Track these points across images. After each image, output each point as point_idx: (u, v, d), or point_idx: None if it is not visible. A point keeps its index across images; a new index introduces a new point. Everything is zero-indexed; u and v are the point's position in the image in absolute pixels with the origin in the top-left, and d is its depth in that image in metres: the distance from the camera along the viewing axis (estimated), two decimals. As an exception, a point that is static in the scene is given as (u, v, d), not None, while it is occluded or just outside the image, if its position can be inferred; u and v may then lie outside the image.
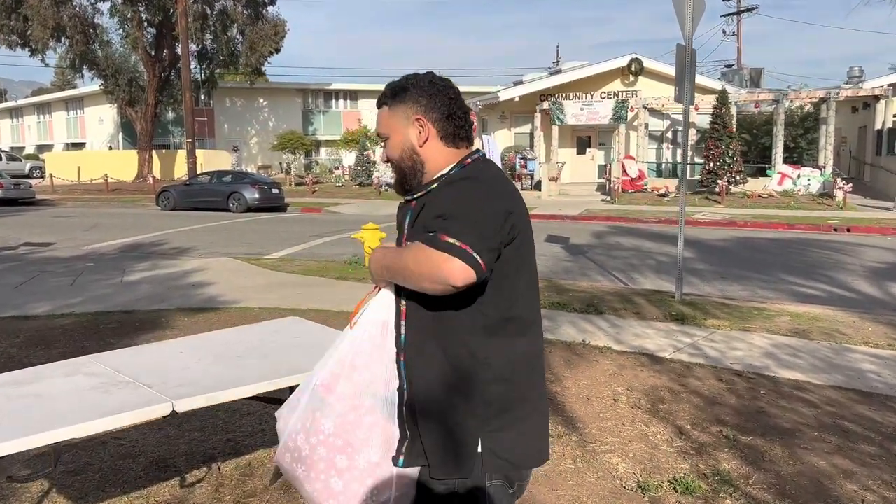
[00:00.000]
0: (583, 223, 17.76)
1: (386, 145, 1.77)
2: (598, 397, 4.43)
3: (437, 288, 1.54)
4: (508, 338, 1.66)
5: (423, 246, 1.56)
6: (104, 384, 2.28)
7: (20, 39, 30.70)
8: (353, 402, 1.60)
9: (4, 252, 12.04)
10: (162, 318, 6.59)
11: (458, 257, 1.50)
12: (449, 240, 1.52)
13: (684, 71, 7.56)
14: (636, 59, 26.19)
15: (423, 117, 1.71)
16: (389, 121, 1.75)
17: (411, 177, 1.74)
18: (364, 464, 1.56)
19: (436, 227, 1.56)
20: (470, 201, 1.59)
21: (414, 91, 1.72)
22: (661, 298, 7.70)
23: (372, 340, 1.65)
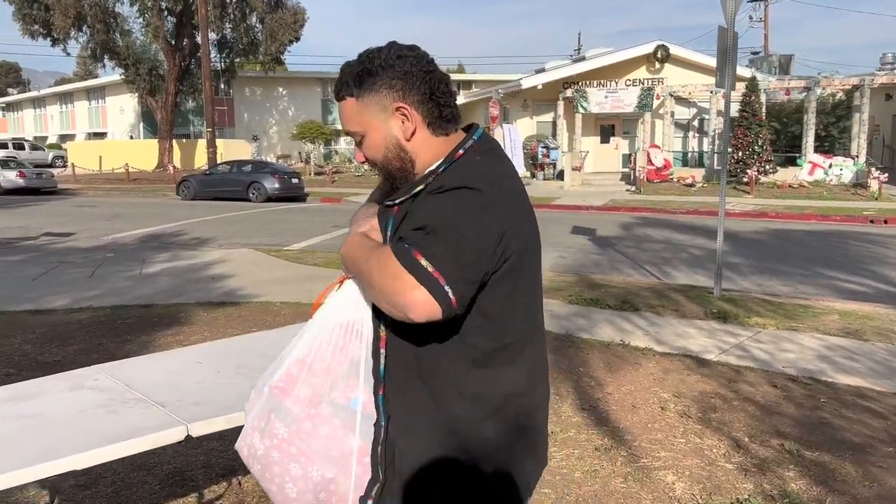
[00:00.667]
0: (608, 214, 17.36)
1: (362, 145, 1.44)
2: (643, 405, 4.12)
3: (392, 312, 1.29)
4: (501, 367, 1.40)
5: (391, 256, 1.27)
6: (112, 401, 2.02)
7: (42, 29, 30.76)
8: (309, 409, 1.43)
9: (25, 242, 11.93)
10: (181, 313, 6.37)
11: (426, 287, 1.22)
12: (422, 262, 1.24)
13: (726, 55, 7.18)
14: (662, 45, 25.60)
15: (403, 104, 1.37)
16: (362, 116, 1.40)
17: (402, 179, 1.42)
18: (318, 477, 1.41)
19: (412, 240, 1.28)
20: (458, 216, 1.28)
21: (384, 74, 1.37)
22: (698, 294, 7.36)
23: (333, 342, 1.44)
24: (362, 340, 1.43)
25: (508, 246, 1.32)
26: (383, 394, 1.41)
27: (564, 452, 3.44)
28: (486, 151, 1.40)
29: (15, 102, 57.21)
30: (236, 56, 33.91)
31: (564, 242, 11.80)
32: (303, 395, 1.44)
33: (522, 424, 1.43)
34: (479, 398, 1.37)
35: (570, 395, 4.21)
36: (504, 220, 1.31)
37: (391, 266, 1.26)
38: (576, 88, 25.33)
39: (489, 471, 1.38)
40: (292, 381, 1.45)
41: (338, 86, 1.43)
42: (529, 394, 1.45)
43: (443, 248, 1.24)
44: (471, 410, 1.36)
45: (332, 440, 1.41)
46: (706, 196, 20.69)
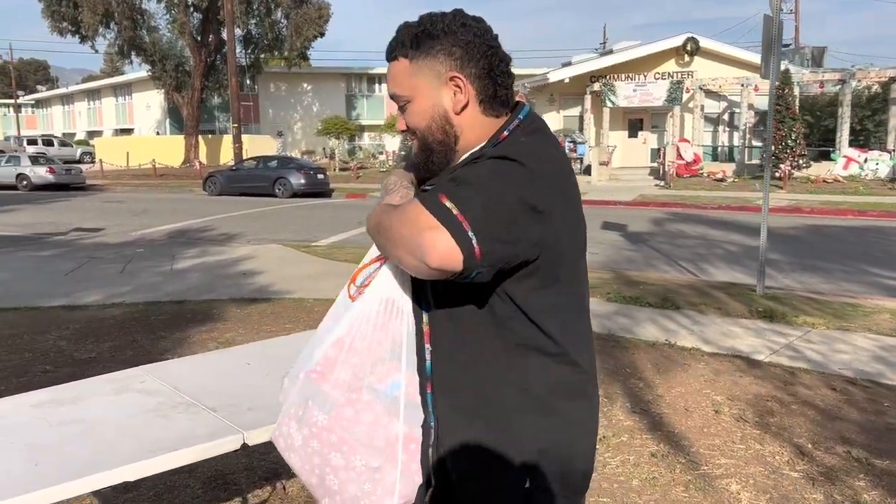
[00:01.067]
0: (638, 209, 17.09)
1: (406, 110, 1.33)
2: (696, 408, 3.94)
3: (411, 264, 1.16)
4: (547, 357, 1.28)
5: (413, 202, 1.17)
6: (161, 406, 1.91)
7: (71, 26, 31.07)
8: (350, 394, 1.33)
9: (56, 237, 11.99)
10: (213, 310, 6.30)
11: (448, 227, 1.10)
12: (446, 203, 1.12)
13: (771, 44, 6.93)
14: (692, 38, 25.17)
15: (459, 75, 1.26)
16: (412, 79, 1.29)
17: (440, 154, 1.31)
18: (362, 466, 1.31)
19: (437, 186, 1.19)
20: (495, 176, 1.17)
21: (445, 39, 1.26)
22: (740, 292, 7.14)
23: (373, 321, 1.34)
24: (403, 319, 1.34)
25: (549, 229, 1.20)
26: (431, 392, 1.32)
27: (619, 459, 3.28)
28: (533, 132, 1.29)
29: (44, 99, 58.04)
30: (261, 52, 34.00)
31: (596, 238, 11.58)
32: (342, 378, 1.34)
33: (571, 417, 1.32)
34: (527, 391, 1.27)
35: (620, 398, 4.05)
36: (545, 199, 1.18)
37: (412, 210, 1.15)
38: (603, 82, 25.00)
39: (545, 470, 1.29)
40: (331, 364, 1.35)
41: (392, 45, 1.32)
42: (582, 388, 1.34)
43: (472, 193, 1.13)
44: (519, 403, 1.27)
45: (375, 427, 1.32)
46: (737, 191, 20.31)
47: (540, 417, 1.28)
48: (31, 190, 23.62)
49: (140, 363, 4.70)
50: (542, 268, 1.23)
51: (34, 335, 5.43)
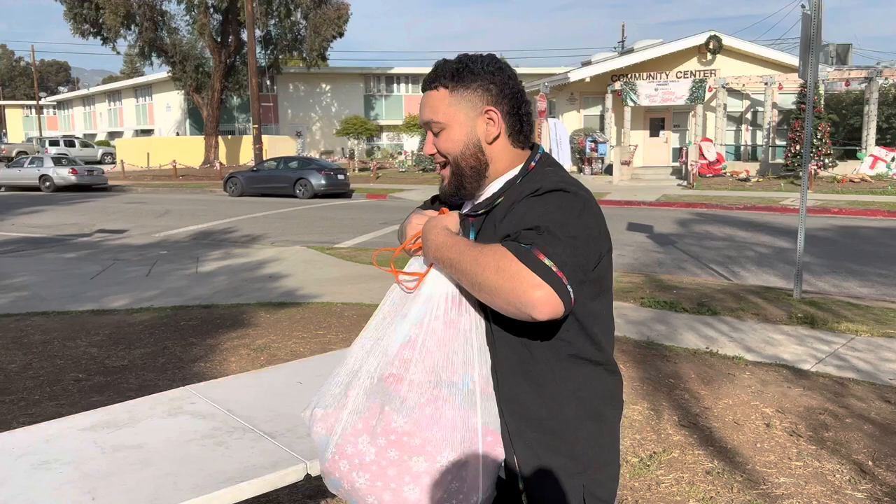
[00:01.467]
0: (662, 210, 16.88)
1: (440, 136, 1.45)
2: (746, 421, 3.81)
3: (510, 311, 1.26)
4: (598, 366, 1.41)
5: (510, 255, 1.24)
6: (216, 431, 1.82)
7: (93, 28, 31.31)
8: (429, 391, 1.32)
9: (80, 239, 12.04)
10: (242, 315, 6.24)
11: (551, 285, 1.21)
12: (545, 261, 1.22)
13: (809, 42, 6.76)
14: (715, 36, 24.86)
15: (494, 109, 1.42)
16: (450, 108, 1.43)
17: (471, 179, 1.45)
18: (447, 465, 1.30)
19: (529, 239, 1.26)
20: (565, 217, 1.29)
21: (484, 77, 1.42)
22: (777, 296, 6.97)
23: (443, 318, 1.36)
24: (470, 313, 1.37)
25: (602, 247, 1.35)
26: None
27: (673, 476, 3.16)
28: (553, 164, 1.47)
29: (65, 101, 58.64)
30: (280, 52, 34.07)
31: (622, 240, 11.44)
32: (418, 378, 1.33)
33: (615, 424, 1.44)
34: (581, 400, 1.37)
35: (667, 411, 3.92)
36: (597, 222, 1.35)
37: (514, 264, 1.23)
38: (625, 81, 24.77)
39: (597, 477, 1.38)
40: (405, 365, 1.34)
41: (431, 77, 1.46)
42: (619, 393, 1.46)
43: (561, 247, 1.24)
44: (575, 412, 1.36)
45: (455, 422, 1.32)
46: (762, 191, 20.03)
47: (593, 425, 1.38)
48: (53, 191, 23.81)
49: (173, 370, 4.67)
50: (595, 279, 1.35)
51: (65, 341, 5.39)
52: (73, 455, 1.71)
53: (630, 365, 4.71)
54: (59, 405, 4.03)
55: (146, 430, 1.85)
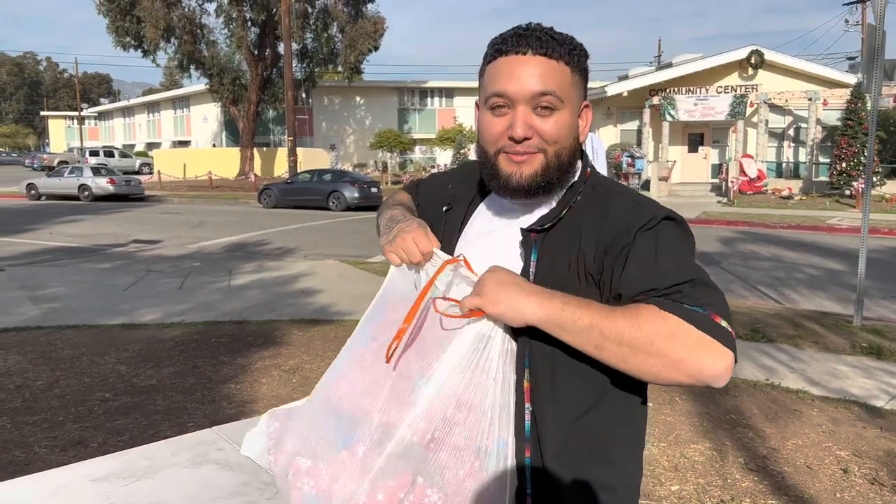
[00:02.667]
0: (702, 227, 16.40)
1: (550, 117, 1.15)
2: (820, 466, 3.47)
3: (685, 382, 1.06)
4: (635, 395, 1.22)
5: (684, 323, 1.03)
6: (245, 488, 1.58)
7: (134, 41, 31.85)
8: (471, 461, 1.08)
9: (115, 249, 12.04)
10: (275, 332, 6.05)
11: (733, 351, 1.05)
12: (723, 323, 1.05)
13: (874, 55, 6.39)
14: (757, 50, 24.32)
15: (589, 105, 1.23)
16: (571, 89, 1.17)
17: (563, 177, 1.19)
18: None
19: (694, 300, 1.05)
20: (694, 250, 1.15)
21: (585, 61, 1.21)
22: (835, 323, 6.58)
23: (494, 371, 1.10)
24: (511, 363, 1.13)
25: None
26: (530, 456, 1.15)
27: (746, 530, 2.85)
28: (604, 178, 1.27)
29: (106, 112, 59.88)
30: (316, 66, 34.27)
31: (664, 259, 11.06)
32: (460, 443, 1.08)
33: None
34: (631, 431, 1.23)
35: (731, 452, 3.60)
36: None
37: (691, 335, 1.03)
38: (663, 95, 24.34)
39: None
40: (449, 426, 1.08)
41: (547, 44, 1.15)
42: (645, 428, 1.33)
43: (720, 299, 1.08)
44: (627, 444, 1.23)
45: (492, 496, 1.10)
46: (806, 209, 19.43)
47: (640, 454, 1.26)
48: (92, 200, 24.11)
49: (202, 392, 4.46)
50: None
51: (93, 357, 5.24)
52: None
53: (686, 398, 4.39)
54: (82, 427, 3.85)
55: (166, 484, 1.62)
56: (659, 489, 3.18)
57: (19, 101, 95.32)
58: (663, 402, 4.31)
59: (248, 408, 4.17)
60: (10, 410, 4.10)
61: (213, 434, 1.91)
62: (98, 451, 3.50)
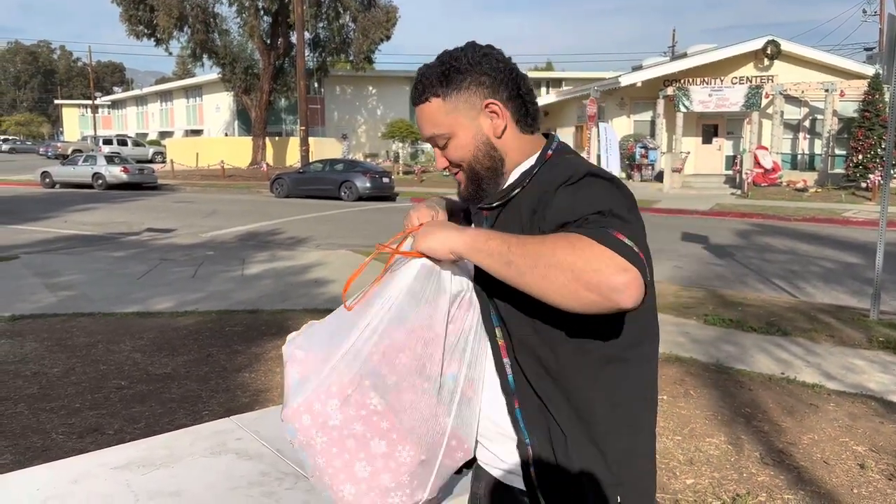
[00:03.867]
0: (716, 219, 16.30)
1: (447, 147, 1.33)
2: (837, 461, 3.44)
3: (586, 299, 1.07)
4: (640, 364, 1.28)
5: (584, 238, 1.07)
6: (264, 477, 1.58)
7: (147, 29, 31.90)
8: (412, 378, 1.26)
9: (129, 237, 12.10)
10: (288, 321, 6.06)
11: (637, 267, 1.05)
12: (626, 241, 1.07)
13: (893, 45, 6.30)
14: (773, 41, 24.06)
15: (493, 101, 1.30)
16: (448, 117, 1.30)
17: (490, 180, 1.33)
18: (406, 459, 1.25)
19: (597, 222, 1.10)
20: (617, 201, 1.16)
21: (473, 71, 1.29)
22: (852, 317, 6.52)
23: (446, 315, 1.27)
24: (473, 312, 1.30)
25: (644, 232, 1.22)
26: (519, 407, 1.27)
27: (763, 525, 2.83)
28: (572, 152, 1.35)
29: (119, 100, 60.12)
30: (328, 55, 34.22)
31: (677, 251, 11.00)
32: (404, 363, 1.25)
33: (651, 430, 1.33)
34: (617, 405, 1.25)
35: (747, 445, 3.58)
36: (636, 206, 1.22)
37: (591, 246, 1.06)
38: (677, 86, 24.14)
39: (638, 486, 1.28)
40: (396, 348, 1.25)
41: (419, 89, 1.32)
42: (656, 394, 1.36)
43: (631, 229, 1.11)
44: (611, 418, 1.25)
45: (429, 418, 1.27)
46: (820, 202, 19.26)
47: (628, 432, 1.27)
48: (105, 189, 24.24)
49: (216, 380, 4.48)
50: None
51: (109, 345, 5.28)
52: (103, 502, 1.48)
53: (701, 391, 4.36)
54: (99, 414, 3.88)
55: (185, 473, 1.62)
56: (674, 482, 3.17)
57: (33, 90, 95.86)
58: (678, 395, 4.29)
59: (262, 396, 4.19)
60: (28, 397, 4.13)
61: (232, 423, 1.91)
62: (114, 438, 3.53)
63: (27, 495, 1.52)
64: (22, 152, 55.16)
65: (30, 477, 1.64)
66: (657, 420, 1.37)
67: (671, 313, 6.44)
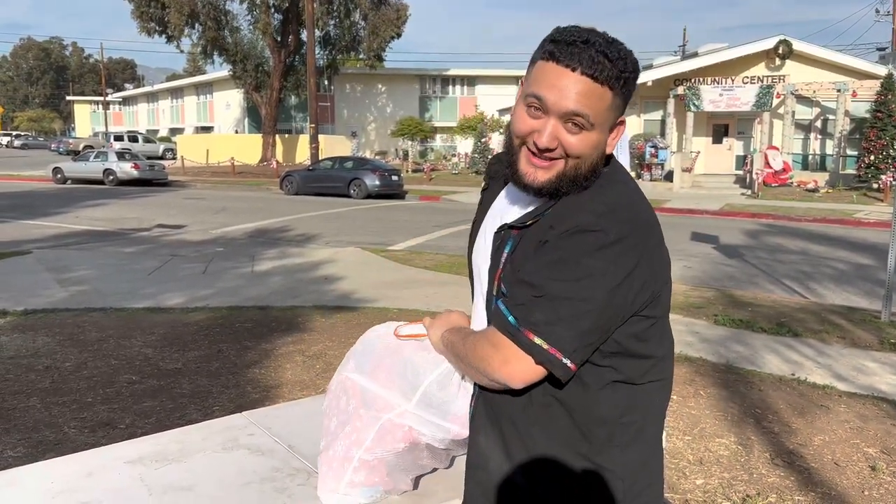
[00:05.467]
0: (726, 220, 16.24)
1: (578, 134, 1.19)
2: (847, 462, 3.43)
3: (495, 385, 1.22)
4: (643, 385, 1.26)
5: (493, 333, 1.18)
6: (277, 473, 1.59)
7: (158, 26, 32.03)
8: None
9: (140, 233, 12.17)
10: (298, 318, 6.08)
11: (542, 364, 1.13)
12: (535, 339, 1.12)
13: (909, 46, 6.24)
14: (785, 40, 23.92)
15: (624, 119, 1.26)
16: (608, 112, 1.19)
17: (570, 183, 1.21)
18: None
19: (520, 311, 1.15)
20: (583, 274, 1.12)
21: (634, 86, 1.22)
22: (863, 319, 6.48)
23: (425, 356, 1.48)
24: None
25: (646, 289, 1.18)
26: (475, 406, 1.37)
27: (773, 526, 2.82)
28: (621, 179, 1.26)
29: (130, 97, 60.41)
30: (338, 53, 34.26)
31: (687, 250, 10.97)
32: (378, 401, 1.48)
33: (658, 440, 1.31)
34: (624, 423, 1.24)
35: (756, 446, 3.57)
36: (640, 266, 1.15)
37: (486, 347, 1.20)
38: (688, 86, 24.05)
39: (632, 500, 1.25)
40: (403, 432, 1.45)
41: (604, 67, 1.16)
42: (664, 407, 1.33)
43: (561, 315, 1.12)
44: (613, 434, 1.23)
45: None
46: (832, 203, 19.15)
47: (635, 447, 1.25)
48: (116, 185, 24.37)
49: (226, 376, 4.51)
50: (646, 314, 1.21)
51: (120, 339, 5.31)
52: (117, 496, 1.50)
53: (711, 391, 4.35)
54: (110, 409, 3.90)
55: (198, 467, 1.63)
56: (683, 482, 3.16)
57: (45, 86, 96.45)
58: (688, 395, 4.28)
59: (273, 393, 4.21)
60: (40, 391, 4.17)
61: (244, 419, 1.91)
62: (126, 432, 3.55)
63: (41, 489, 1.54)
64: (34, 148, 55.53)
65: (43, 470, 1.65)
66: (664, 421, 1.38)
67: (681, 313, 6.42)
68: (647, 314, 1.21)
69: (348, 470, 1.42)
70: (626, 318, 1.18)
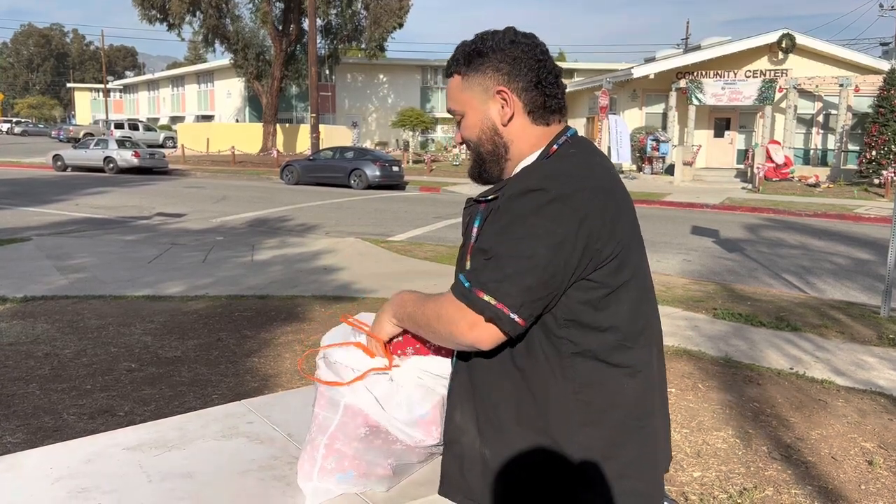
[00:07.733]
0: (727, 214, 16.23)
1: (461, 124, 1.40)
2: (845, 457, 3.43)
3: (461, 347, 1.28)
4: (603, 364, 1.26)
5: (451, 300, 1.24)
6: (275, 461, 1.60)
7: (159, 14, 31.91)
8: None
9: (140, 221, 12.16)
10: (297, 307, 6.08)
11: (492, 320, 1.19)
12: (484, 297, 1.18)
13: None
14: (788, 34, 23.83)
15: (506, 88, 1.32)
16: (464, 94, 1.36)
17: (492, 164, 1.37)
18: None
19: (474, 268, 1.22)
20: (526, 233, 1.18)
21: (494, 56, 1.32)
22: (862, 314, 6.48)
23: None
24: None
25: (592, 249, 1.20)
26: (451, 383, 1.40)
27: (769, 519, 2.83)
28: (579, 147, 1.32)
29: (131, 85, 60.29)
30: (340, 42, 34.15)
31: (686, 244, 10.96)
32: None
33: (630, 429, 1.28)
34: (584, 401, 1.25)
35: (754, 439, 3.57)
36: (584, 226, 1.18)
37: (450, 309, 1.24)
38: (690, 79, 23.98)
39: (588, 484, 1.24)
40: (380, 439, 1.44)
41: (449, 62, 1.39)
42: (639, 398, 1.30)
43: (507, 273, 1.18)
44: (576, 414, 1.25)
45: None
46: (833, 198, 19.13)
47: (592, 429, 1.25)
48: (116, 172, 24.34)
49: (226, 365, 4.51)
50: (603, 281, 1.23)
51: (119, 327, 5.31)
52: (116, 482, 1.50)
53: (710, 385, 4.36)
54: (109, 396, 3.91)
55: (197, 455, 1.63)
56: (681, 475, 3.17)
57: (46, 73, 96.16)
58: (686, 388, 4.29)
59: (272, 381, 4.21)
60: (39, 378, 4.17)
61: (243, 407, 1.92)
62: (125, 419, 3.56)
63: (40, 474, 1.54)
64: (34, 135, 55.43)
65: (43, 456, 1.65)
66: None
67: (680, 307, 6.43)
68: (599, 280, 1.22)
69: (318, 457, 1.42)
70: (577, 278, 1.21)
